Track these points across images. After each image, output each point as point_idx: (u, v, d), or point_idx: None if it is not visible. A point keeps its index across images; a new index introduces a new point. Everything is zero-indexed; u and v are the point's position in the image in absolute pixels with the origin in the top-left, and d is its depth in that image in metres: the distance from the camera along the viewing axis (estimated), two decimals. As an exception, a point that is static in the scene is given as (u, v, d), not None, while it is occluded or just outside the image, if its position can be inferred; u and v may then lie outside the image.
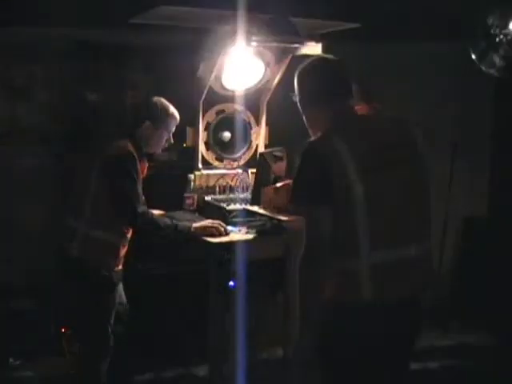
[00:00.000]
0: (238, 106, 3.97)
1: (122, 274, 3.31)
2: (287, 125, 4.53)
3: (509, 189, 4.87)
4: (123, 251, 3.28)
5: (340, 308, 2.32)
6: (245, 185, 3.83)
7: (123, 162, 3.14)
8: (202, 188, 3.82)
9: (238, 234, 3.37)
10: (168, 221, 3.25)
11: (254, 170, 3.77)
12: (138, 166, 3.19)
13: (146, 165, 3.35)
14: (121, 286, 3.35)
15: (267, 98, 4.05)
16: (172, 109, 3.35)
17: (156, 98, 3.34)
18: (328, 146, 2.29)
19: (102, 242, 3.17)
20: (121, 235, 3.24)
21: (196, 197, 3.78)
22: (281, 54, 3.85)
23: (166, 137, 3.36)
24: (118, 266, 3.26)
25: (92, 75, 4.49)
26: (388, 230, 2.29)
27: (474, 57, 3.67)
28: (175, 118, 3.36)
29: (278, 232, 3.31)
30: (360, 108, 2.66)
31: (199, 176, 3.83)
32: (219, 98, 3.91)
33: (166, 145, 3.38)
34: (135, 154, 3.17)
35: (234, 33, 3.42)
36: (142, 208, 3.16)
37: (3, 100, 4.34)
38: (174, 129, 3.38)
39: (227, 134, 3.96)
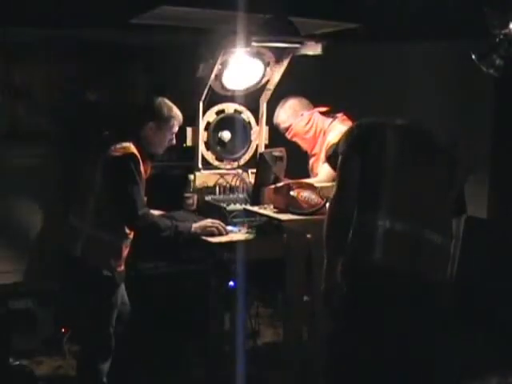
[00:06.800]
0: (238, 106, 3.97)
1: (124, 275, 3.31)
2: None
3: (509, 189, 4.87)
4: (126, 252, 3.28)
5: (353, 267, 2.62)
6: (245, 185, 3.83)
7: (126, 163, 3.14)
8: (202, 188, 3.81)
9: (238, 234, 3.37)
10: (168, 222, 3.24)
11: (254, 170, 3.77)
12: (141, 168, 3.18)
13: (149, 166, 3.35)
14: (123, 287, 3.36)
15: (267, 98, 4.05)
16: (175, 109, 3.35)
17: (159, 98, 3.33)
18: (375, 121, 2.78)
19: (104, 242, 3.17)
20: (123, 236, 3.24)
21: (196, 197, 3.78)
22: (281, 54, 3.85)
23: (169, 137, 3.35)
24: (120, 266, 3.26)
25: (92, 75, 4.49)
26: (409, 206, 2.61)
27: (473, 57, 3.67)
28: (178, 118, 3.36)
29: (278, 232, 3.31)
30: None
31: (199, 176, 3.83)
32: (219, 97, 3.91)
33: (168, 145, 3.38)
34: (138, 156, 3.17)
35: (233, 33, 3.42)
36: (142, 210, 3.15)
37: (3, 100, 4.34)
38: (176, 129, 3.38)
39: (227, 134, 3.95)
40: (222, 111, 3.95)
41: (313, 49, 3.65)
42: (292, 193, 3.31)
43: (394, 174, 2.62)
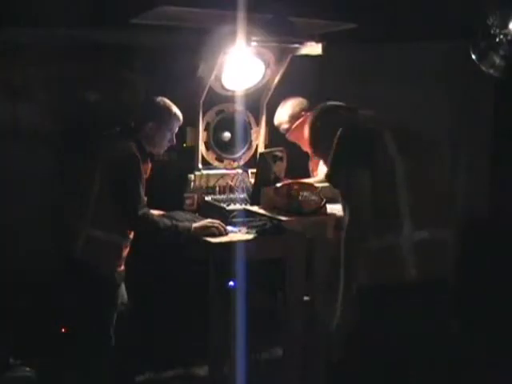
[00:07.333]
0: (238, 106, 3.97)
1: (124, 275, 3.31)
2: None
3: (509, 189, 4.87)
4: (126, 251, 3.29)
5: (380, 287, 2.47)
6: (245, 185, 3.82)
7: (126, 163, 3.14)
8: (201, 188, 3.81)
9: (238, 234, 3.37)
10: (168, 222, 3.24)
11: (254, 170, 3.77)
12: (141, 168, 3.19)
13: (149, 166, 3.35)
14: (123, 287, 3.36)
15: (267, 98, 4.04)
16: (175, 109, 3.36)
17: (159, 98, 3.34)
18: (369, 125, 2.59)
19: (104, 242, 3.17)
20: (123, 236, 3.24)
21: (196, 197, 3.78)
22: (281, 54, 3.85)
23: (169, 137, 3.36)
24: (120, 266, 3.26)
25: (92, 75, 4.49)
26: (426, 211, 2.50)
27: (473, 57, 3.67)
28: (178, 118, 3.37)
29: (278, 232, 3.31)
30: None
31: (199, 176, 3.83)
32: (219, 97, 3.90)
33: (168, 145, 3.38)
34: (139, 156, 3.17)
35: (233, 33, 3.41)
36: (142, 210, 3.16)
37: (3, 100, 4.34)
38: (176, 129, 3.39)
39: (227, 134, 3.95)
40: (222, 111, 3.95)
41: (313, 49, 3.65)
42: (292, 193, 3.31)
43: (402, 178, 2.49)
